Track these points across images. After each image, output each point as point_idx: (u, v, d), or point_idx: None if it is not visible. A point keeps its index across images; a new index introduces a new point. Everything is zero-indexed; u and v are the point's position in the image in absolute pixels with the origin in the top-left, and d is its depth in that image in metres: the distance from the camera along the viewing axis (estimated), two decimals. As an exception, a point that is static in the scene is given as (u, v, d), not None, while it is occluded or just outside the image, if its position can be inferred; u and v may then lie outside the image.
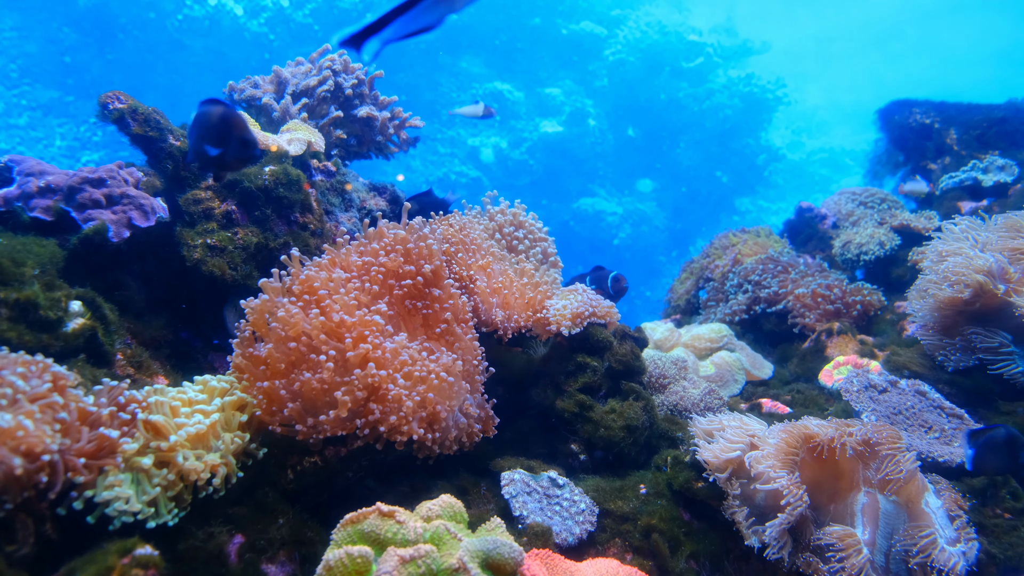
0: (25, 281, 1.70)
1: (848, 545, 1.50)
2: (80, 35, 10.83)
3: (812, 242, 3.82)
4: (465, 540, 1.33)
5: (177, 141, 2.22)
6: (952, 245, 2.28)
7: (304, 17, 11.53)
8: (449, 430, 1.71)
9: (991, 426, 1.89)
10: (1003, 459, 1.82)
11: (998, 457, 1.81)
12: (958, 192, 3.53)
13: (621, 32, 13.66)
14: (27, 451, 1.22)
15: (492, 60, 13.21)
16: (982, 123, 3.76)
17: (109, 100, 2.18)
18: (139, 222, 2.05)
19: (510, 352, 2.24)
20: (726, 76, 14.04)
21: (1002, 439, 1.80)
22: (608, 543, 1.64)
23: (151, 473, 1.37)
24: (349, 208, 2.70)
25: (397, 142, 3.07)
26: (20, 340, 1.58)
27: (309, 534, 1.49)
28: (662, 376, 2.52)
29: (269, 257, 2.18)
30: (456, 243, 2.13)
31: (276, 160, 2.30)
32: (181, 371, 2.02)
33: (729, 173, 14.24)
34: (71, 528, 1.31)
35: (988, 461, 1.83)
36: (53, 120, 10.80)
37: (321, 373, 1.56)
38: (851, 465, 1.66)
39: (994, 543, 1.70)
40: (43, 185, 2.01)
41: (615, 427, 1.94)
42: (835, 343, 2.74)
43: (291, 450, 1.64)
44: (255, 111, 2.82)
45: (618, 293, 2.60)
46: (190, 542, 1.38)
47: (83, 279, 1.90)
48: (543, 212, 13.48)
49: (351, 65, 2.88)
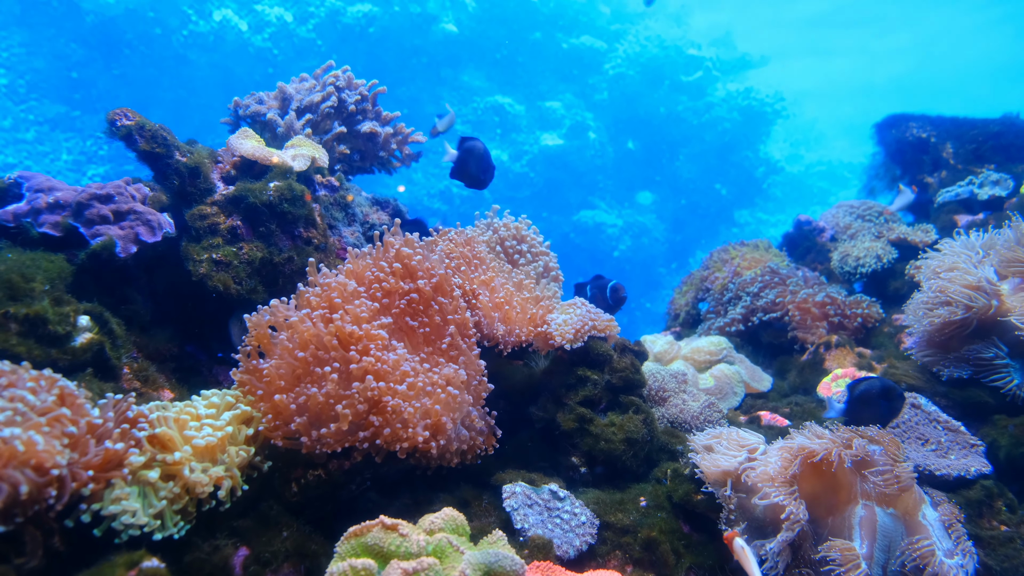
0: (34, 296, 1.73)
1: (847, 559, 1.51)
2: (87, 51, 10.98)
3: (811, 255, 3.85)
4: (467, 553, 1.34)
5: (183, 157, 2.26)
6: (947, 260, 2.31)
7: (307, 32, 11.68)
8: (451, 442, 1.73)
9: (867, 377, 2.08)
10: (876, 410, 1.97)
11: (871, 409, 1.97)
12: (955, 206, 3.57)
13: (621, 46, 13.82)
14: (37, 465, 1.24)
15: (493, 74, 13.35)
16: (978, 137, 3.80)
17: (117, 117, 2.22)
18: (146, 237, 2.08)
19: (511, 366, 2.26)
20: (725, 89, 14.17)
21: (876, 391, 1.96)
22: (609, 555, 1.66)
23: (157, 486, 1.39)
24: (352, 222, 2.73)
25: (400, 157, 3.12)
26: (29, 354, 1.61)
27: (313, 547, 1.51)
28: (662, 389, 2.54)
29: (274, 272, 2.21)
30: (459, 257, 2.16)
31: (280, 175, 2.34)
32: (186, 385, 2.04)
33: (728, 186, 14.32)
34: (79, 541, 1.33)
35: (862, 413, 1.98)
36: (60, 135, 10.91)
37: (326, 386, 1.59)
38: (849, 477, 1.67)
39: (990, 555, 1.71)
40: (52, 201, 2.04)
41: (615, 440, 1.95)
42: (833, 356, 2.75)
43: (295, 463, 1.66)
44: (259, 127, 2.87)
45: (617, 303, 2.61)
46: (196, 555, 1.40)
47: (91, 294, 1.93)
48: (544, 224, 13.53)
49: (354, 81, 2.93)
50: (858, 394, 2.01)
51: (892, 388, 2.00)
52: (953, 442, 2.03)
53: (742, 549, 1.53)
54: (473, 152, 2.22)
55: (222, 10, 11.20)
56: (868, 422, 1.91)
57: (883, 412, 1.99)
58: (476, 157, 2.21)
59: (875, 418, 1.95)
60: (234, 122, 2.90)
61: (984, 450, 2.02)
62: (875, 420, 1.93)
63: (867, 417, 1.97)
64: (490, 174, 2.29)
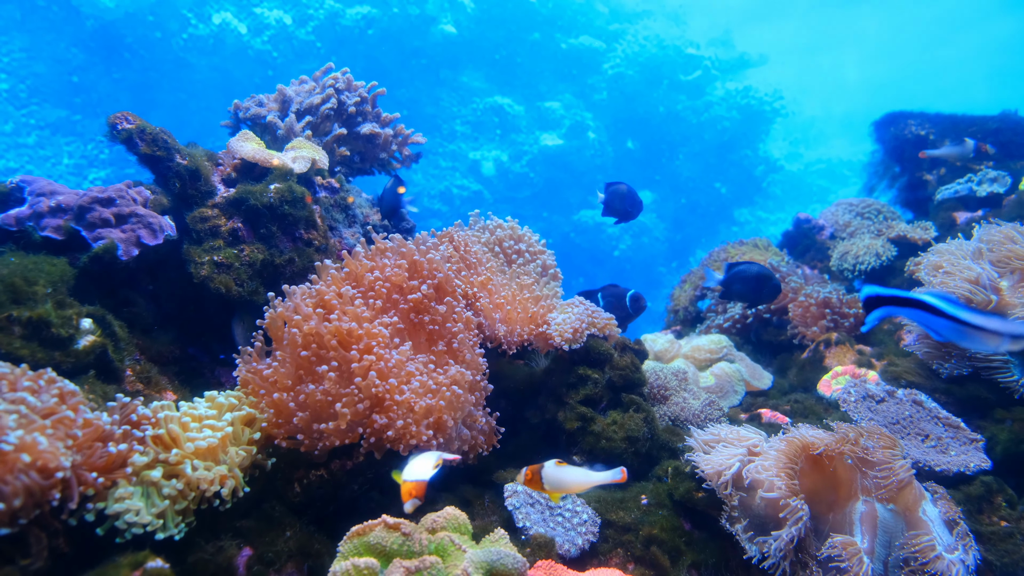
0: (37, 299, 1.74)
1: (851, 555, 1.52)
2: (87, 55, 11.00)
3: (810, 253, 3.85)
4: (469, 552, 1.35)
5: (184, 160, 2.27)
6: (945, 257, 2.32)
7: (307, 35, 11.69)
8: (452, 441, 1.73)
9: (748, 263, 2.60)
10: (747, 287, 2.54)
11: (744, 284, 2.52)
12: (953, 203, 3.57)
13: (620, 46, 13.82)
14: (42, 467, 1.25)
15: (492, 75, 13.36)
16: (976, 135, 3.80)
17: (118, 121, 2.23)
18: (147, 240, 2.09)
19: (512, 365, 2.27)
20: (724, 88, 14.17)
21: (752, 273, 2.52)
22: (610, 553, 1.66)
23: (160, 485, 1.40)
24: (353, 224, 2.74)
25: (400, 158, 3.13)
26: (33, 357, 1.62)
27: (316, 546, 1.51)
28: (663, 387, 2.55)
29: (275, 273, 2.22)
30: (457, 260, 2.17)
31: (281, 178, 2.34)
32: (189, 386, 2.05)
33: (728, 184, 14.32)
34: (83, 542, 1.34)
35: (735, 287, 2.55)
36: (61, 139, 10.93)
37: (324, 384, 1.60)
38: (850, 474, 1.68)
39: (991, 550, 1.72)
40: (54, 205, 2.06)
41: (616, 439, 1.96)
42: (833, 353, 2.76)
43: (298, 464, 1.67)
44: (260, 129, 2.88)
45: (637, 311, 2.67)
46: (199, 555, 1.40)
47: (93, 297, 1.94)
48: (544, 224, 13.48)
49: (354, 83, 2.94)
50: (736, 271, 2.55)
51: (767, 274, 2.57)
52: (953, 438, 2.03)
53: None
54: (617, 193, 2.81)
55: (221, 13, 11.22)
56: (739, 297, 2.51)
57: (753, 289, 2.57)
58: (620, 197, 2.80)
59: (745, 293, 2.55)
60: (234, 125, 2.91)
61: (984, 446, 2.03)
62: (745, 297, 2.56)
63: (737, 291, 2.57)
64: (637, 208, 2.82)
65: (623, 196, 2.79)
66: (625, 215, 2.84)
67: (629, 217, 2.85)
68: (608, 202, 2.83)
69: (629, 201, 2.80)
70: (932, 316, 1.55)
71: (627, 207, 2.81)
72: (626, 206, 2.80)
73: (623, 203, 2.80)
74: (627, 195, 2.80)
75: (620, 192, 2.81)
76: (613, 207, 2.84)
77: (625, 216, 2.85)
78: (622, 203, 2.80)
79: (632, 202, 2.81)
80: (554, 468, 1.40)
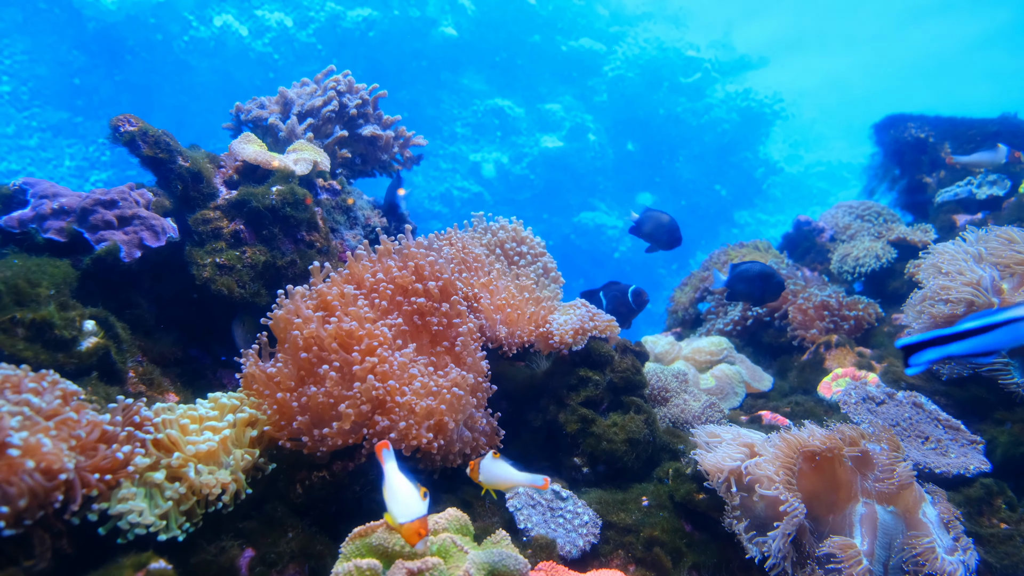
0: (40, 301, 1.75)
1: (849, 556, 1.52)
2: (89, 57, 11.02)
3: (810, 255, 3.86)
4: (471, 553, 1.35)
5: (186, 162, 2.27)
6: (946, 259, 2.32)
7: (308, 37, 11.72)
8: (453, 443, 1.74)
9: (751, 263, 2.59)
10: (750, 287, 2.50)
11: (748, 284, 2.48)
12: (953, 206, 3.58)
13: (620, 48, 13.85)
14: (46, 469, 1.26)
15: (493, 77, 13.39)
16: (976, 137, 3.81)
17: (120, 123, 2.24)
18: (150, 242, 2.10)
19: (513, 367, 2.27)
20: (724, 91, 14.19)
21: (755, 272, 2.49)
22: (611, 555, 1.67)
23: (163, 487, 1.41)
24: (354, 226, 2.75)
25: (401, 160, 3.14)
26: (36, 359, 1.63)
27: (318, 547, 1.52)
28: (664, 389, 2.55)
29: (277, 275, 2.22)
30: (459, 262, 2.17)
31: (283, 180, 2.35)
32: (191, 388, 2.06)
33: (728, 187, 14.34)
34: (86, 543, 1.34)
35: (739, 287, 2.51)
36: (63, 141, 10.95)
37: (325, 386, 1.60)
38: (849, 476, 1.68)
39: (991, 552, 1.72)
40: (57, 207, 2.06)
41: (617, 440, 1.96)
42: (833, 355, 2.77)
43: (300, 465, 1.67)
44: (261, 131, 2.89)
45: (640, 306, 2.67)
46: (202, 556, 1.41)
47: (96, 298, 1.95)
48: (544, 226, 13.47)
49: (355, 85, 2.95)
50: (739, 272, 2.52)
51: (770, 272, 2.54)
52: (953, 440, 2.04)
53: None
54: (659, 224, 2.79)
55: (223, 16, 11.25)
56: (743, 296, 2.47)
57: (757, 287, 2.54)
58: (661, 227, 2.78)
59: (749, 292, 2.49)
60: (236, 127, 2.92)
61: (983, 448, 2.03)
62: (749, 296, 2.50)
63: (741, 291, 2.53)
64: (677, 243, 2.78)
65: (665, 228, 2.73)
66: (666, 246, 2.79)
67: (668, 248, 2.79)
68: (649, 231, 2.77)
69: (672, 234, 2.73)
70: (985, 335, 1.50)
71: (671, 239, 2.75)
72: (669, 238, 2.75)
73: (666, 235, 2.73)
74: (669, 227, 2.73)
75: (662, 222, 2.74)
76: (653, 236, 2.77)
77: (665, 247, 2.79)
78: (665, 235, 2.74)
79: (674, 237, 2.74)
80: (490, 460, 1.40)
